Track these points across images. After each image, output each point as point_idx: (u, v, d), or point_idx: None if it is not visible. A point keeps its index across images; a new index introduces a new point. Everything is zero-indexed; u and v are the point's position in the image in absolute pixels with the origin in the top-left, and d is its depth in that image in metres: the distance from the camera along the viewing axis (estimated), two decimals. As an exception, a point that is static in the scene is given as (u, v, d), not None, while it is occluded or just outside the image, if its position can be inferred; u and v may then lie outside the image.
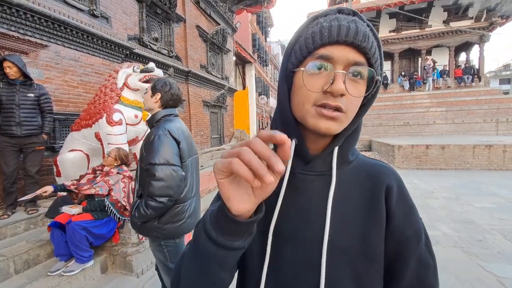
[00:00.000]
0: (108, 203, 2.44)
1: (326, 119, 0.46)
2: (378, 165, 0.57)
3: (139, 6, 5.16)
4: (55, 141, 3.45)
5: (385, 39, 16.43)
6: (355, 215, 0.51)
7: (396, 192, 0.53)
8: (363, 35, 0.45)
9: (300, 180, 0.54)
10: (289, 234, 0.52)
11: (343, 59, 0.45)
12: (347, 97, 0.45)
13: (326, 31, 0.46)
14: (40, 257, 2.37)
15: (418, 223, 0.54)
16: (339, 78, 0.44)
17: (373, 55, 0.46)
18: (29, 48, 3.16)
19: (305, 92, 0.47)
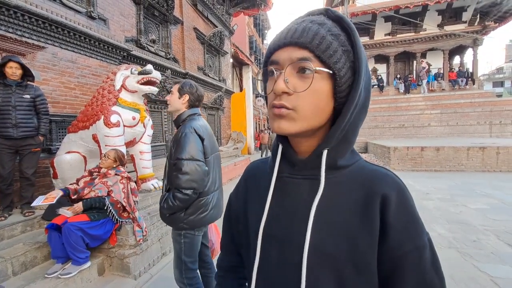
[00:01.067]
0: (108, 203, 2.44)
1: (277, 118, 0.48)
2: (376, 171, 0.52)
3: (137, 8, 5.17)
4: (51, 143, 3.44)
5: (380, 42, 16.61)
6: (344, 222, 0.49)
7: (395, 202, 0.48)
8: (301, 31, 0.46)
9: (287, 184, 0.55)
10: (277, 236, 0.53)
11: (287, 59, 0.47)
12: (296, 95, 0.46)
13: (276, 38, 0.50)
14: (37, 259, 2.36)
15: (421, 239, 0.48)
16: (279, 78, 0.47)
17: (316, 47, 0.45)
18: (26, 50, 3.15)
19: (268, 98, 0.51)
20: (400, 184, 0.51)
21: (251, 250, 0.57)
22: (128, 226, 2.65)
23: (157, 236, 3.05)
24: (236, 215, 0.67)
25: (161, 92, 5.55)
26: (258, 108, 18.02)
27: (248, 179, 0.66)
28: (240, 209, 0.65)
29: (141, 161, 3.50)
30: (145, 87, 3.17)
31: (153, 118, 5.49)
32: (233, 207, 0.70)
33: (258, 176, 0.64)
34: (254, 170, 0.67)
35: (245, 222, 0.62)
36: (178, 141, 1.65)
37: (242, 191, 0.66)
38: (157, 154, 5.62)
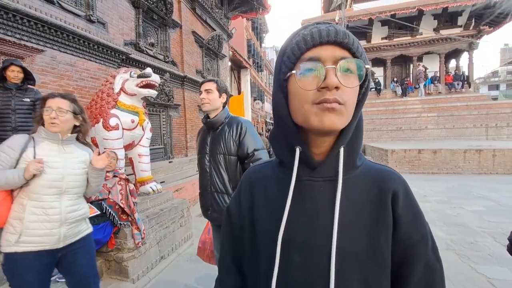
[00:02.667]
0: (105, 206, 2.44)
1: (329, 112, 0.47)
2: (384, 170, 0.57)
3: (136, 12, 5.19)
4: (49, 146, 3.43)
5: (377, 46, 16.75)
6: (363, 220, 0.52)
7: (403, 198, 0.53)
8: (343, 33, 0.49)
9: (307, 187, 0.54)
10: (298, 241, 0.52)
11: (330, 57, 0.48)
12: (343, 90, 0.47)
13: (309, 37, 0.49)
14: (34, 264, 2.34)
15: (425, 228, 0.54)
16: (331, 73, 0.47)
17: (357, 49, 0.50)
18: (25, 53, 3.15)
19: (302, 94, 0.49)
20: (405, 181, 0.56)
21: (264, 259, 0.55)
22: (127, 229, 2.64)
23: (155, 239, 3.04)
24: (240, 226, 0.64)
25: (159, 95, 5.56)
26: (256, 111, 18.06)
27: (253, 185, 0.64)
28: (245, 219, 0.62)
29: (140, 164, 3.50)
30: (144, 90, 3.18)
31: (152, 121, 5.49)
32: (235, 219, 0.65)
33: (265, 181, 0.62)
34: (258, 175, 0.65)
35: (251, 231, 0.60)
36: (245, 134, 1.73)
37: (246, 199, 0.63)
38: (156, 157, 5.62)
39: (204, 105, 1.81)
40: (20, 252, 1.39)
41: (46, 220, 1.42)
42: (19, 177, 1.37)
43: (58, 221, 1.45)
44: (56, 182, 1.46)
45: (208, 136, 1.86)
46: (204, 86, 1.83)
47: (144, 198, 3.40)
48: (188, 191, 5.58)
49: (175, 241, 3.44)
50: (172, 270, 3.08)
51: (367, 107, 15.73)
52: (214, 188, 1.77)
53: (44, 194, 1.43)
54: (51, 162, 1.46)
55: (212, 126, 1.83)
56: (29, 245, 1.40)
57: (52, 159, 1.47)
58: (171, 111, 6.26)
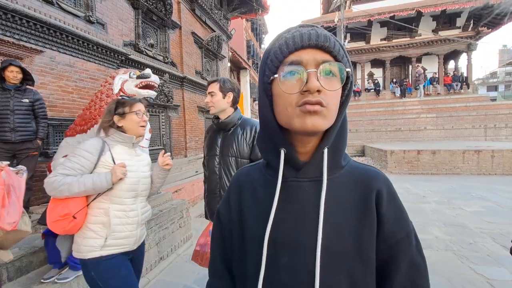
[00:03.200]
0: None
1: (311, 115, 0.48)
2: (368, 170, 0.58)
3: (135, 13, 5.20)
4: (49, 147, 3.42)
5: (376, 47, 16.80)
6: (348, 219, 0.52)
7: (386, 197, 0.54)
8: (324, 37, 0.49)
9: (293, 187, 0.55)
10: (284, 242, 0.53)
11: (311, 60, 0.49)
12: (325, 93, 0.48)
13: (291, 41, 0.50)
14: (33, 264, 2.33)
15: (408, 226, 0.55)
16: (312, 76, 0.48)
17: (338, 53, 0.50)
18: (24, 54, 3.15)
19: (285, 97, 0.50)
20: (388, 180, 0.58)
21: (251, 261, 0.56)
22: (126, 230, 2.63)
23: (154, 240, 3.04)
24: (229, 228, 0.64)
25: (159, 96, 5.56)
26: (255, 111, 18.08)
27: (241, 188, 0.64)
28: (234, 221, 0.62)
29: (139, 164, 3.49)
30: (144, 91, 3.17)
31: (151, 121, 5.49)
32: (224, 221, 0.66)
33: (254, 182, 0.62)
34: (246, 177, 0.65)
35: (240, 233, 0.60)
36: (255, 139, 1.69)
37: (235, 201, 0.64)
38: (155, 158, 5.59)
39: (210, 109, 1.74)
40: (106, 255, 1.41)
41: (127, 223, 1.46)
42: (107, 182, 1.37)
43: (136, 223, 1.50)
44: (134, 185, 1.49)
45: (218, 137, 1.77)
46: (208, 89, 1.76)
47: (143, 199, 3.39)
48: (188, 192, 5.57)
49: (174, 242, 3.43)
50: (171, 271, 3.07)
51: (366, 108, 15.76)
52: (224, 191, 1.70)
53: (125, 197, 1.46)
54: (129, 165, 1.47)
55: (224, 127, 1.75)
56: (114, 248, 1.43)
57: (129, 163, 1.49)
58: (171, 112, 6.26)
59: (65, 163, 1.41)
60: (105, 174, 1.39)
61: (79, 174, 1.38)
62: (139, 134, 1.55)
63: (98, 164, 1.43)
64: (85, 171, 1.40)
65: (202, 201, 6.25)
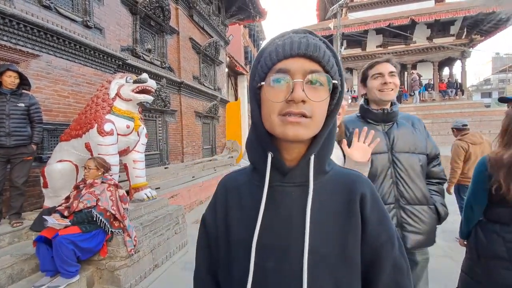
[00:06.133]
0: (96, 214, 2.39)
1: (292, 125, 0.48)
2: (352, 174, 0.59)
3: (133, 18, 5.22)
4: (43, 152, 3.38)
5: (372, 54, 16.98)
6: (333, 223, 0.53)
7: (370, 200, 0.55)
8: (313, 46, 0.49)
9: (279, 192, 0.55)
10: (272, 246, 0.53)
11: (299, 69, 0.49)
12: (310, 103, 0.48)
13: (281, 48, 0.50)
14: (24, 272, 2.28)
15: (391, 229, 0.56)
16: (298, 86, 0.48)
17: (327, 63, 0.50)
18: (20, 58, 3.13)
19: (270, 104, 0.50)
20: (371, 184, 0.59)
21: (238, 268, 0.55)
22: (119, 236, 2.59)
23: (149, 247, 2.99)
24: (215, 237, 0.63)
25: (156, 101, 5.54)
26: (253, 117, 18.07)
27: (228, 193, 0.63)
28: (220, 228, 0.61)
29: (135, 170, 3.46)
30: (140, 95, 3.17)
31: (148, 126, 5.45)
32: (210, 228, 0.64)
33: (240, 188, 0.62)
34: (233, 183, 0.64)
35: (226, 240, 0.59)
36: (428, 135, 1.48)
37: (222, 206, 0.63)
38: (152, 163, 5.56)
39: (387, 94, 1.36)
40: None
41: None
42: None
43: None
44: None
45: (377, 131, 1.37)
46: (384, 67, 1.37)
47: (138, 204, 3.35)
48: (184, 198, 5.51)
49: (169, 249, 3.38)
50: (166, 279, 3.01)
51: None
52: (405, 198, 1.37)
53: None
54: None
55: (390, 118, 1.42)
56: None
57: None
58: (168, 117, 6.24)
59: None
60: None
61: None
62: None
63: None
64: None
65: (199, 207, 6.17)
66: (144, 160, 3.58)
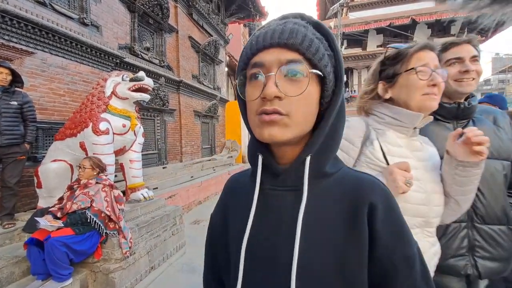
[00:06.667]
0: (90, 215, 2.32)
1: (268, 125, 0.43)
2: (362, 178, 0.49)
3: (131, 16, 5.15)
4: (37, 151, 3.31)
5: (373, 53, 16.96)
6: (331, 236, 0.46)
7: (382, 211, 0.45)
8: (289, 32, 0.43)
9: (270, 196, 0.50)
10: (260, 256, 0.48)
11: (274, 61, 0.43)
12: (288, 99, 0.42)
13: (255, 39, 0.45)
14: (14, 275, 2.21)
15: (410, 247, 0.46)
16: (269, 81, 0.42)
17: (307, 49, 0.43)
18: (13, 55, 3.06)
19: (248, 103, 0.46)
20: (387, 191, 0.48)
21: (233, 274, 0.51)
22: (114, 238, 2.52)
23: (145, 249, 2.92)
24: (218, 237, 0.61)
25: (154, 99, 5.48)
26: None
27: (228, 195, 0.61)
28: (222, 230, 0.59)
29: (131, 169, 3.39)
30: (137, 94, 3.10)
31: (146, 125, 5.39)
32: (215, 229, 0.62)
33: (238, 190, 0.59)
34: (234, 184, 0.62)
35: (225, 244, 0.57)
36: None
37: (222, 208, 0.61)
38: (150, 163, 5.50)
39: (467, 85, 1.07)
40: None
41: None
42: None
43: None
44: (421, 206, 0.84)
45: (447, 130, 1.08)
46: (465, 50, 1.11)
47: (134, 205, 3.28)
48: (182, 198, 5.45)
49: (166, 250, 3.32)
50: (162, 281, 2.95)
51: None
52: (480, 216, 1.05)
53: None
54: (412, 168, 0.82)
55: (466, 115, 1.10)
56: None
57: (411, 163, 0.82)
58: (166, 116, 6.17)
59: None
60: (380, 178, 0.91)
61: None
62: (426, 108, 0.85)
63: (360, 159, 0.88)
64: None
65: (197, 207, 6.11)
66: (141, 160, 3.51)
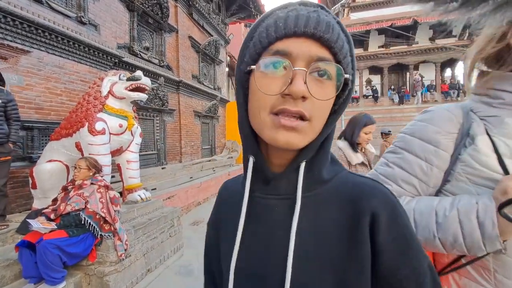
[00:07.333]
0: (84, 217, 2.27)
1: (286, 130, 0.37)
2: (363, 184, 0.43)
3: (130, 15, 5.10)
4: (33, 151, 3.26)
5: (374, 54, 16.90)
6: (329, 251, 0.41)
7: (386, 221, 0.40)
8: (326, 25, 0.37)
9: (261, 205, 0.45)
10: (250, 272, 0.44)
11: (303, 54, 0.37)
12: (311, 101, 0.37)
13: (282, 22, 0.38)
14: (5, 279, 2.15)
15: (419, 262, 0.40)
16: (299, 77, 0.36)
17: (340, 50, 0.38)
18: (8, 53, 3.01)
19: (261, 97, 0.39)
20: (392, 198, 0.42)
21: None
22: (109, 240, 2.47)
23: (141, 251, 2.86)
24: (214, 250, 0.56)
25: (153, 99, 5.43)
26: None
27: (220, 202, 0.56)
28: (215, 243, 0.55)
29: (128, 170, 3.34)
30: (134, 93, 3.05)
31: (145, 126, 5.34)
32: (210, 239, 0.58)
33: (230, 198, 0.53)
34: (227, 191, 0.56)
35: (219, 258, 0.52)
36: None
37: (215, 218, 0.56)
38: (149, 163, 5.45)
39: None
40: None
41: None
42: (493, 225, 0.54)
43: None
44: None
45: None
46: None
47: (131, 206, 3.22)
48: (181, 199, 5.39)
49: (163, 252, 3.26)
50: (159, 284, 2.89)
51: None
52: None
53: None
54: None
55: None
56: None
57: None
58: (165, 116, 6.12)
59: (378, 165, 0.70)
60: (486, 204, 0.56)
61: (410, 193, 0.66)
62: None
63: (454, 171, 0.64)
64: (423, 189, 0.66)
65: (196, 208, 6.05)
66: (138, 160, 3.46)
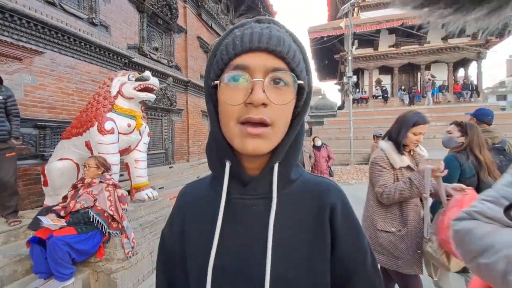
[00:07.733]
0: (93, 214, 2.31)
1: (252, 138, 0.42)
2: (321, 183, 0.52)
3: (140, 16, 5.18)
4: (45, 149, 3.34)
5: (384, 54, 16.63)
6: (300, 241, 0.47)
7: (341, 212, 0.49)
8: (277, 39, 0.42)
9: (238, 206, 0.48)
10: (230, 270, 0.46)
11: (260, 67, 0.42)
12: (271, 107, 0.42)
13: (239, 39, 0.43)
14: (17, 274, 2.21)
15: (364, 244, 0.51)
16: (258, 87, 0.41)
17: (292, 59, 0.43)
18: (23, 54, 3.10)
19: (228, 108, 0.43)
20: (342, 192, 0.52)
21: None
22: (117, 238, 2.50)
23: (148, 249, 2.90)
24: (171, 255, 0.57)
25: (162, 99, 5.49)
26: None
27: (185, 207, 0.56)
28: (176, 246, 0.55)
29: (136, 169, 3.38)
30: (142, 93, 3.09)
31: (153, 125, 5.41)
32: (167, 246, 0.58)
33: (197, 201, 0.55)
34: (191, 194, 0.57)
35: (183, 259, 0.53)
36: None
37: (178, 221, 0.56)
38: (157, 162, 5.51)
39: None
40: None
41: None
42: None
43: None
44: None
45: None
46: None
47: (138, 205, 3.27)
48: (188, 198, 5.43)
49: (170, 251, 3.29)
50: (165, 283, 2.92)
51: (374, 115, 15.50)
52: None
53: None
54: None
55: None
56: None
57: None
58: (173, 116, 6.18)
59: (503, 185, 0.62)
60: None
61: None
62: None
63: None
64: None
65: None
66: (146, 160, 3.50)
